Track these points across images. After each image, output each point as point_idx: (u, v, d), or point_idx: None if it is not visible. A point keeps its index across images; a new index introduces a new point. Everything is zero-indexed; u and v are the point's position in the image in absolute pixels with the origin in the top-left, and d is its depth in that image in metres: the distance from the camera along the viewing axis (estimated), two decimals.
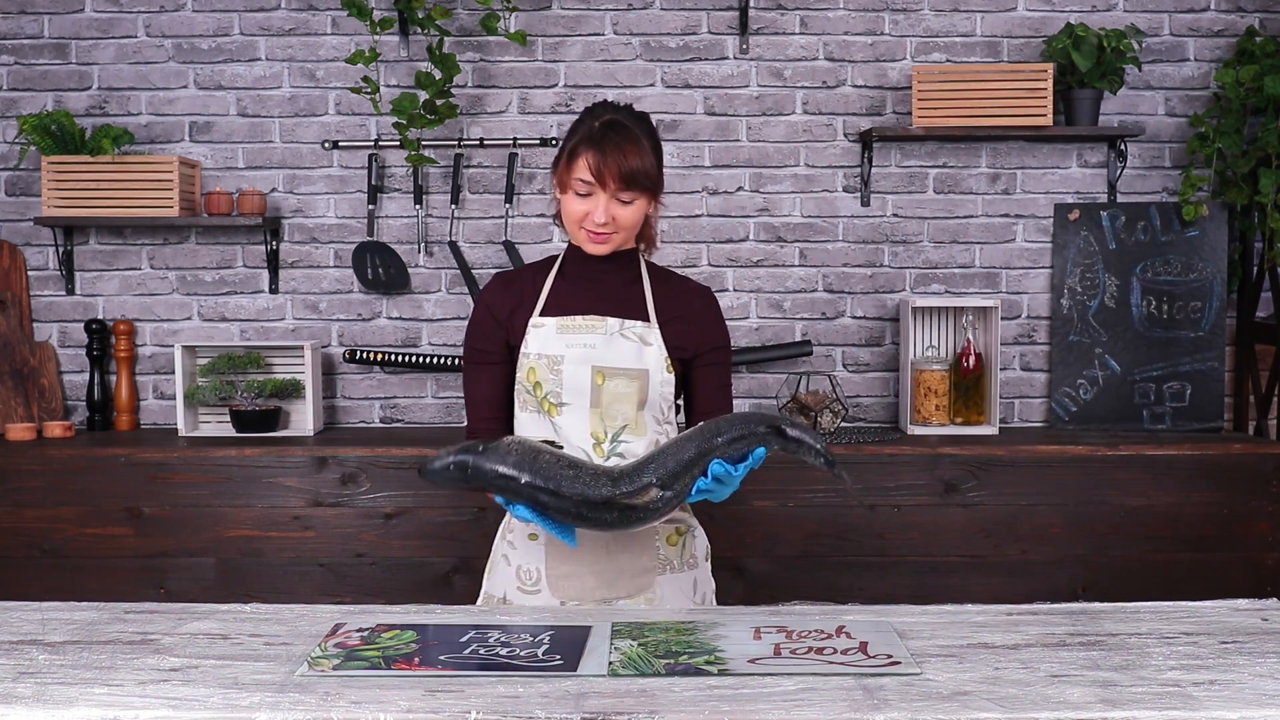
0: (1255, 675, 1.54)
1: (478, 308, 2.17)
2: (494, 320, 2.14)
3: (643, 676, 1.56)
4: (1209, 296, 3.65)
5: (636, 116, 2.10)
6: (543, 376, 2.07)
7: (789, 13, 3.71)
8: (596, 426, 2.07)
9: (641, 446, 2.08)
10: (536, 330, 2.09)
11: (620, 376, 2.08)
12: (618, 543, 2.09)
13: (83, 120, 3.70)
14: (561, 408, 2.07)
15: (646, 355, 2.09)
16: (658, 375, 2.09)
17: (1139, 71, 3.67)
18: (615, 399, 2.07)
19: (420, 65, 3.65)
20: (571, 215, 2.07)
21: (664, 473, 1.82)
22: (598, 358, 2.07)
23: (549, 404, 2.08)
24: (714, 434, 1.83)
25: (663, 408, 2.12)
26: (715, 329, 2.18)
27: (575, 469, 1.81)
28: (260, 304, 3.77)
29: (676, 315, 2.14)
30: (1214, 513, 3.30)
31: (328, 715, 1.41)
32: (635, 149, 2.03)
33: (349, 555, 3.32)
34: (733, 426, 1.84)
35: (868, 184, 3.72)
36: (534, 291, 2.14)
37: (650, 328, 2.10)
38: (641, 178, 2.04)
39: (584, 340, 2.07)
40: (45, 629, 1.78)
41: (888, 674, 1.56)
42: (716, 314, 2.19)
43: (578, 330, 2.08)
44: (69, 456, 3.34)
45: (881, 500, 3.31)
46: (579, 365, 2.06)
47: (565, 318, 2.09)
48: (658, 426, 2.12)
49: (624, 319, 2.10)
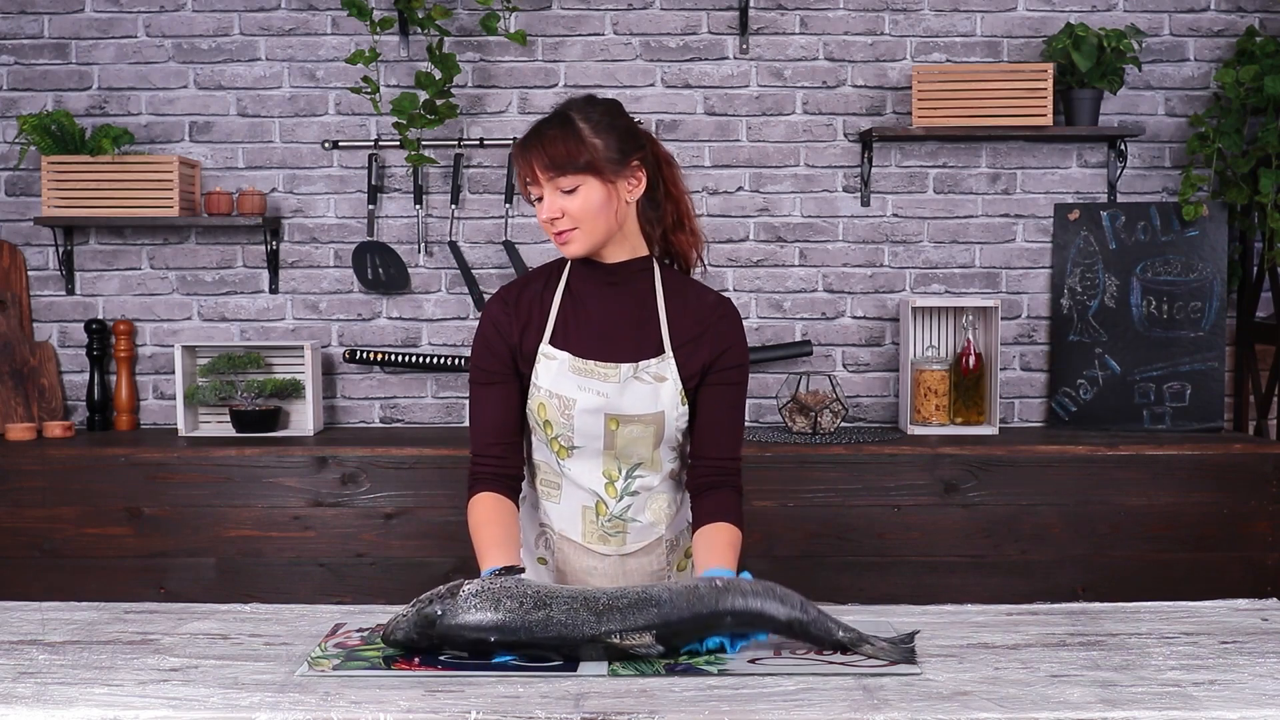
0: (1255, 675, 1.54)
1: (485, 325, 2.00)
2: (502, 339, 1.98)
3: (643, 676, 1.56)
4: (1209, 296, 3.65)
5: (586, 103, 1.95)
6: (553, 417, 1.95)
7: (789, 13, 3.71)
8: (610, 466, 1.98)
9: (657, 480, 2.02)
10: (548, 362, 1.95)
11: (635, 423, 1.95)
12: (627, 579, 2.03)
13: (83, 120, 3.70)
14: (573, 451, 1.98)
15: (662, 395, 1.95)
16: (673, 413, 1.97)
17: (1139, 71, 3.67)
18: (630, 442, 1.96)
19: (420, 65, 3.65)
20: (540, 222, 1.94)
21: (663, 626, 1.63)
22: (611, 406, 1.94)
23: (559, 446, 1.98)
24: (728, 608, 1.65)
25: (678, 439, 2.02)
26: (734, 347, 2.00)
27: (545, 607, 1.62)
28: (260, 304, 3.77)
29: (692, 336, 1.98)
30: (1214, 513, 3.30)
31: (328, 715, 1.41)
32: (561, 134, 1.88)
33: (349, 555, 3.32)
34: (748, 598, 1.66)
35: (868, 184, 3.72)
36: (542, 312, 1.99)
37: (665, 361, 1.96)
38: (571, 160, 1.86)
39: (597, 388, 1.93)
40: (45, 629, 1.78)
41: (888, 674, 1.56)
42: (737, 330, 2.01)
43: (590, 375, 1.94)
44: (69, 456, 3.34)
45: (881, 500, 3.30)
46: (592, 414, 1.94)
47: (578, 360, 1.94)
48: (671, 455, 2.03)
49: (637, 361, 1.95)
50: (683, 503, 2.09)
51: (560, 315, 1.98)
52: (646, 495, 2.02)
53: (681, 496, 2.09)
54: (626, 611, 1.62)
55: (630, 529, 2.03)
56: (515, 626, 1.61)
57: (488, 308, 2.02)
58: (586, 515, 2.03)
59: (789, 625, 1.66)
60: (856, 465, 3.30)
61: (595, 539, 2.03)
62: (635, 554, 2.05)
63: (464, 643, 1.62)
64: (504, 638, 1.61)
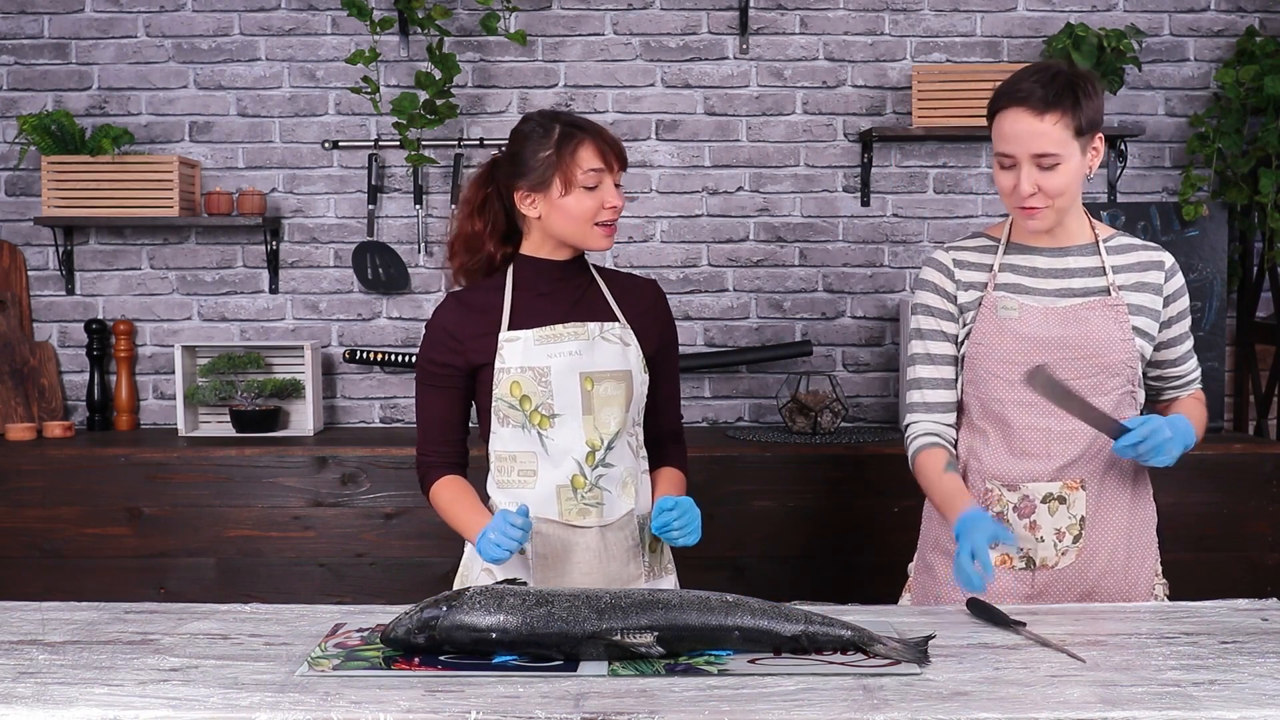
0: (1255, 675, 1.54)
1: (433, 330, 2.10)
2: (454, 341, 2.07)
3: (643, 677, 1.56)
4: (1209, 296, 3.65)
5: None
6: (530, 390, 2.03)
7: (789, 13, 3.71)
8: (591, 435, 2.05)
9: (628, 454, 2.09)
10: (511, 345, 2.04)
11: (608, 380, 2.06)
12: (608, 552, 2.08)
13: (83, 120, 3.70)
14: (553, 419, 2.04)
15: (629, 355, 2.09)
16: (639, 376, 2.10)
17: (1139, 71, 3.67)
18: (605, 403, 2.05)
19: (420, 65, 3.65)
20: (582, 213, 2.03)
21: (668, 629, 1.63)
22: (584, 364, 2.04)
23: (540, 417, 2.04)
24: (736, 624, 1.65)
25: (640, 408, 2.13)
26: (670, 323, 2.20)
27: (548, 604, 1.64)
28: (260, 304, 3.77)
29: (639, 311, 2.14)
30: (1214, 513, 3.30)
31: (328, 715, 1.41)
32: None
33: (349, 555, 3.32)
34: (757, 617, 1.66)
35: (868, 184, 3.72)
36: (494, 308, 2.08)
37: (625, 328, 2.10)
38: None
39: (568, 348, 2.04)
40: (45, 629, 1.78)
41: (888, 674, 1.56)
42: (668, 308, 2.20)
43: (560, 339, 2.04)
44: (69, 456, 3.34)
45: (881, 500, 3.30)
46: (568, 374, 2.03)
47: (544, 328, 2.05)
48: (635, 427, 2.12)
49: (602, 323, 2.08)
50: (643, 484, 2.15)
51: (514, 308, 2.08)
52: (619, 468, 2.09)
53: (643, 477, 2.15)
54: (629, 611, 1.63)
55: (605, 500, 2.07)
56: (517, 623, 1.61)
57: (437, 312, 2.12)
58: (563, 494, 2.06)
59: (795, 639, 1.66)
60: (856, 465, 3.30)
61: (575, 514, 2.07)
62: (612, 526, 2.08)
63: (466, 640, 1.62)
64: (505, 635, 1.61)
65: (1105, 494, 2.07)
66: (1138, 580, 2.11)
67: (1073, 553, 2.07)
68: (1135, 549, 2.11)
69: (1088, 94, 2.00)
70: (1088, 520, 2.06)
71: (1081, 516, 2.06)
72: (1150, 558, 2.15)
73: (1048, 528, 2.07)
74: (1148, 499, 2.16)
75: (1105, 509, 2.07)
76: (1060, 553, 2.07)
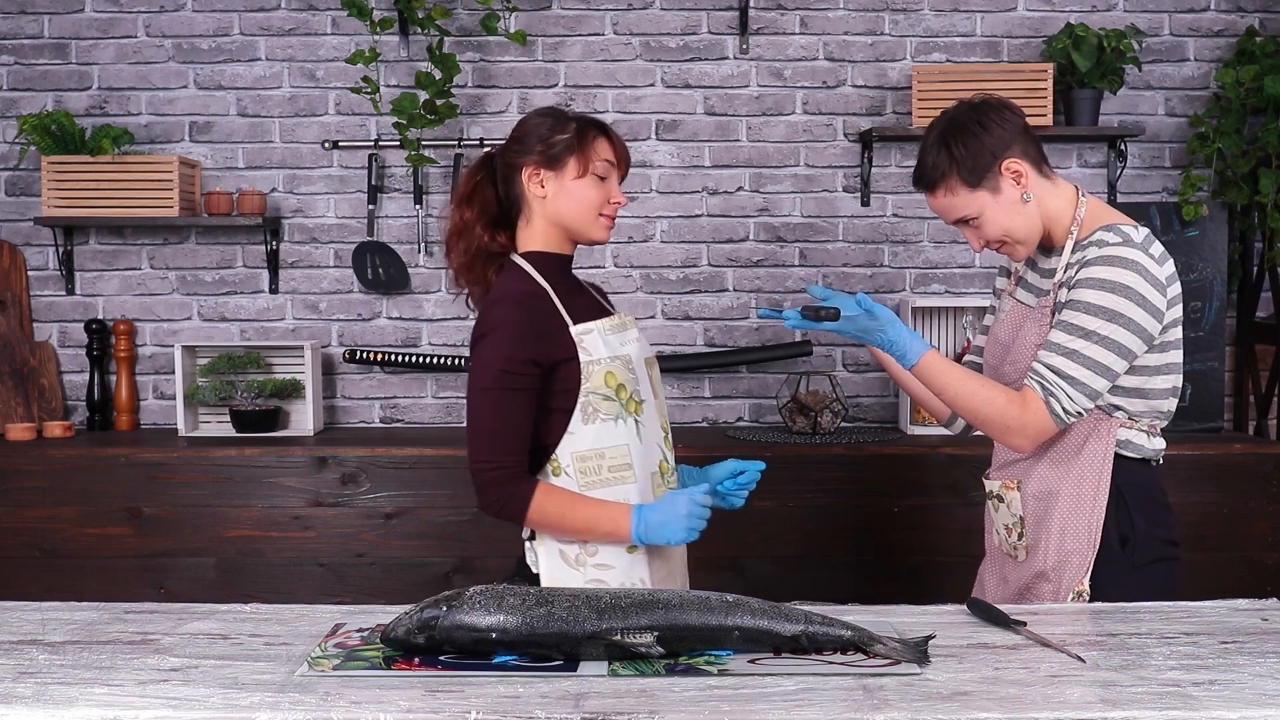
0: (1255, 675, 1.54)
1: (509, 327, 1.96)
2: (534, 337, 1.97)
3: (643, 677, 1.56)
4: (1209, 296, 3.65)
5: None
6: (624, 378, 2.01)
7: (789, 13, 3.71)
8: (663, 419, 2.11)
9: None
10: (589, 336, 2.00)
11: (654, 365, 2.14)
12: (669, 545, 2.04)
13: (83, 120, 3.70)
14: (642, 405, 2.05)
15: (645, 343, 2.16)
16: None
17: (1139, 71, 3.67)
18: (660, 387, 2.13)
19: (420, 65, 3.65)
20: (589, 202, 2.02)
21: (668, 629, 1.63)
22: (645, 350, 2.11)
23: (634, 404, 2.02)
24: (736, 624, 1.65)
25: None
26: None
27: (548, 604, 1.63)
28: (260, 304, 3.77)
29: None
30: (1214, 513, 3.30)
31: (328, 715, 1.41)
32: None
33: (349, 555, 3.32)
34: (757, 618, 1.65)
35: (868, 184, 3.72)
36: (551, 304, 2.02)
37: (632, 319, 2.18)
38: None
39: (627, 337, 2.07)
40: (45, 629, 1.78)
41: (888, 674, 1.56)
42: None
43: (618, 329, 2.06)
44: (69, 456, 3.34)
45: (881, 500, 3.30)
46: (640, 362, 2.07)
47: (606, 319, 2.06)
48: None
49: (620, 312, 2.15)
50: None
51: (564, 303, 2.05)
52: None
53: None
54: (629, 610, 1.63)
55: (676, 481, 2.12)
56: (517, 623, 1.61)
57: (501, 311, 1.98)
58: (655, 481, 2.06)
59: (795, 639, 1.66)
60: (856, 465, 3.30)
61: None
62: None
63: (466, 640, 1.62)
64: (505, 635, 1.61)
65: (1039, 497, 2.08)
66: (1059, 587, 2.06)
67: (1021, 550, 2.13)
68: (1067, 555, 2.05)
69: (963, 142, 1.98)
70: (1026, 520, 2.11)
71: (1020, 516, 2.12)
72: (1073, 569, 2.04)
73: (998, 523, 2.17)
74: (1091, 508, 2.04)
75: (1043, 511, 2.08)
76: (1013, 548, 2.15)
